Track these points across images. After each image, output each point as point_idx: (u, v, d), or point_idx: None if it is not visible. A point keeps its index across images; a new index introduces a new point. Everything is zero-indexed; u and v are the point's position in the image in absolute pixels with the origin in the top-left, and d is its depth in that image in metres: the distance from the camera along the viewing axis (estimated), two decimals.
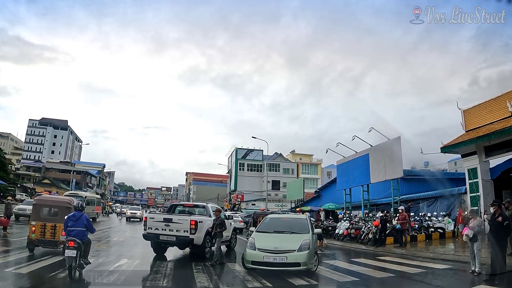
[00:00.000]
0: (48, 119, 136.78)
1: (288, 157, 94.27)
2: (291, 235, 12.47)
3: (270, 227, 13.39)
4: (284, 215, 17.90)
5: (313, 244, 12.11)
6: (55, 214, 14.59)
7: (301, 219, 14.29)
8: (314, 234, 13.09)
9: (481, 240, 11.90)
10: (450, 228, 24.40)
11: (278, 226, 13.48)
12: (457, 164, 78.41)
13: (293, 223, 13.86)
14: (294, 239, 11.96)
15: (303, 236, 12.13)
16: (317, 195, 56.29)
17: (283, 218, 15.18)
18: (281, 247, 11.38)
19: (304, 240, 11.73)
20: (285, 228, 13.16)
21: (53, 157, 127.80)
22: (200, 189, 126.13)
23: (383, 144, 31.25)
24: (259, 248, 11.53)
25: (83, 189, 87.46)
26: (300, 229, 12.87)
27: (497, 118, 24.05)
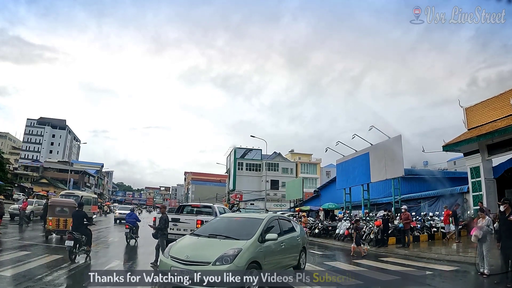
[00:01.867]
0: (46, 118, 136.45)
1: (287, 156, 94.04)
2: (221, 240, 9.40)
3: (209, 229, 10.49)
4: (240, 214, 13.41)
5: (253, 253, 8.89)
6: (65, 212, 20.01)
7: (256, 220, 10.63)
8: (266, 241, 9.62)
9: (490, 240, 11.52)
10: (453, 228, 24.01)
11: (220, 228, 10.54)
12: (456, 163, 78.34)
13: (242, 224, 10.62)
14: (220, 246, 8.93)
15: (237, 243, 9.04)
16: (317, 195, 56.09)
17: (234, 218, 11.73)
18: (194, 256, 8.60)
19: (231, 248, 8.66)
20: (226, 230, 10.14)
21: (51, 156, 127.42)
22: (198, 189, 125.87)
23: (383, 143, 30.96)
24: (172, 256, 8.87)
25: (81, 189, 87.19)
26: (242, 234, 9.67)
27: (500, 116, 23.88)
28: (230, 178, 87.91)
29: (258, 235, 9.63)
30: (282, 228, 11.14)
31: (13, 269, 10.76)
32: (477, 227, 11.55)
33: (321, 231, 28.06)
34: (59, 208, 20.38)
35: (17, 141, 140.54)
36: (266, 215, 11.63)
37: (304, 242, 12.43)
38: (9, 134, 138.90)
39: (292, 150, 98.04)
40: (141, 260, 14.63)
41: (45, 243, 18.16)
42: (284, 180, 74.78)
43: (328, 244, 24.34)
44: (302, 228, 12.99)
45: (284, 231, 11.17)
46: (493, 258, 11.69)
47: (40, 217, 31.88)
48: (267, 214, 12.91)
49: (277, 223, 11.15)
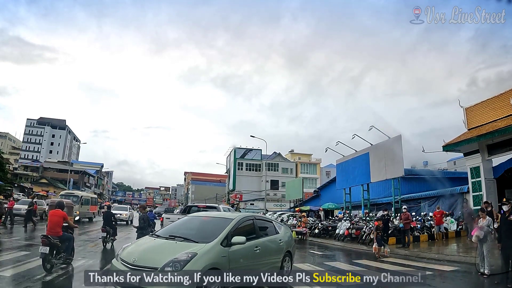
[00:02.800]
0: (46, 118, 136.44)
1: (287, 156, 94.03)
2: (178, 243, 8.30)
3: (171, 230, 9.50)
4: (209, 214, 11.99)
5: (212, 259, 7.77)
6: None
7: (224, 220, 9.32)
8: (233, 245, 8.42)
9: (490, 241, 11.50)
10: (452, 228, 24.02)
11: (183, 228, 9.46)
12: (456, 163, 78.32)
13: (208, 225, 9.43)
14: (174, 249, 7.89)
15: (194, 246, 7.96)
16: (316, 195, 56.12)
17: (202, 218, 10.35)
18: (141, 260, 7.65)
19: (185, 252, 7.61)
20: (189, 231, 9.11)
21: (51, 156, 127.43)
22: (198, 189, 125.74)
23: (383, 143, 30.97)
24: (122, 259, 7.95)
25: (81, 189, 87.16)
26: (203, 236, 8.59)
27: (500, 116, 23.89)
28: (230, 178, 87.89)
29: (221, 238, 8.41)
30: (258, 230, 9.90)
31: (12, 269, 10.77)
32: (477, 228, 11.54)
33: (321, 231, 28.01)
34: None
35: (17, 141, 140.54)
36: (237, 215, 10.03)
37: (289, 246, 11.04)
38: (9, 134, 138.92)
39: (292, 150, 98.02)
40: None
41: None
42: (284, 180, 74.64)
43: (328, 244, 24.27)
44: (287, 230, 11.74)
45: (261, 234, 9.96)
46: (494, 258, 11.68)
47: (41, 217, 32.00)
48: (239, 213, 10.88)
49: (252, 224, 9.88)
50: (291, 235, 11.59)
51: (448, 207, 26.43)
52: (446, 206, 26.47)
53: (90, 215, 39.77)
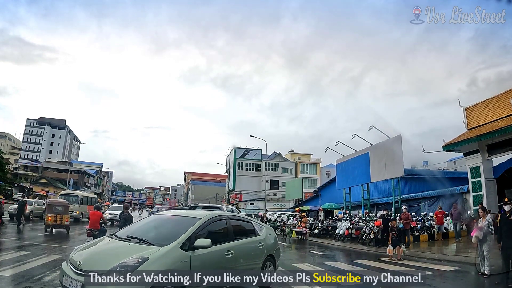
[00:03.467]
0: (46, 118, 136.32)
1: (287, 156, 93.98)
2: (132, 245, 7.34)
3: (132, 230, 8.60)
4: (176, 212, 10.62)
5: (167, 265, 6.81)
6: (61, 210, 24.20)
7: (189, 220, 8.21)
8: (196, 248, 7.40)
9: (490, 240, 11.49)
10: (452, 228, 23.98)
11: (144, 228, 8.54)
12: (456, 163, 78.29)
13: (171, 225, 8.43)
14: (125, 253, 6.99)
15: (148, 249, 7.02)
16: (316, 195, 56.13)
17: (167, 217, 9.38)
18: (86, 264, 6.73)
19: (134, 256, 6.69)
20: (149, 232, 8.17)
21: (51, 156, 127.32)
22: (198, 189, 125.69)
23: (383, 142, 31.00)
24: (71, 260, 7.10)
25: (81, 189, 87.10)
26: (162, 237, 7.67)
27: (500, 116, 23.89)
28: (230, 178, 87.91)
29: (181, 241, 7.36)
30: (232, 231, 8.81)
31: (12, 269, 10.72)
32: (477, 228, 11.52)
33: (321, 231, 28.02)
34: (56, 206, 24.42)
35: (17, 141, 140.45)
36: (205, 214, 8.82)
37: (272, 249, 9.97)
38: (9, 134, 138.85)
39: (292, 150, 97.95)
40: None
41: (44, 243, 18.17)
42: (284, 180, 74.65)
43: (328, 244, 24.29)
44: (270, 231, 10.63)
45: (236, 235, 8.88)
46: (494, 258, 11.65)
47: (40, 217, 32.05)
48: (207, 212, 9.49)
49: (224, 224, 8.78)
50: (274, 237, 10.63)
51: (448, 207, 26.32)
52: (446, 206, 26.39)
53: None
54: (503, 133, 22.28)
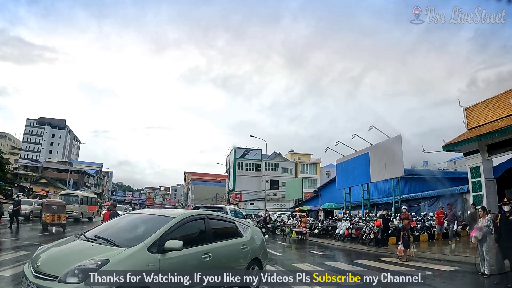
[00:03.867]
0: (46, 118, 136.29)
1: (287, 156, 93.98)
2: (95, 246, 6.69)
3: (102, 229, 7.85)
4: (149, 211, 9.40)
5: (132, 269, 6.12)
6: (58, 209, 25.76)
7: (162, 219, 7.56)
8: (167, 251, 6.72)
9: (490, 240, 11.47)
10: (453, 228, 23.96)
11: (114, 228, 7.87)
12: (456, 163, 78.28)
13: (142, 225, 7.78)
14: (85, 254, 6.30)
15: (112, 250, 6.35)
16: (316, 195, 56.15)
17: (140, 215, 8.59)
18: (44, 266, 6.11)
19: (94, 259, 5.98)
20: (117, 232, 7.52)
21: (51, 156, 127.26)
22: (198, 189, 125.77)
23: (383, 142, 31.01)
24: (32, 260, 6.59)
25: (81, 189, 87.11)
26: (129, 238, 7.06)
27: (500, 116, 23.85)
28: (230, 178, 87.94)
29: (149, 242, 6.68)
30: (211, 232, 8.08)
31: (12, 269, 10.72)
32: (476, 228, 11.50)
33: (321, 231, 28.03)
34: (53, 206, 25.92)
35: (17, 141, 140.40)
36: (180, 213, 8.04)
37: (258, 252, 9.29)
38: (9, 134, 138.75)
39: (292, 150, 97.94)
40: None
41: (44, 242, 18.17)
42: (284, 180, 74.66)
43: (328, 244, 24.27)
44: (256, 233, 9.91)
45: (215, 237, 8.13)
46: (493, 258, 11.64)
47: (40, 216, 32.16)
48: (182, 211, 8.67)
49: (202, 224, 8.04)
50: (261, 239, 9.88)
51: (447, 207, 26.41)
52: (446, 206, 26.44)
53: (90, 215, 39.79)
54: (503, 133, 22.24)
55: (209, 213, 9.18)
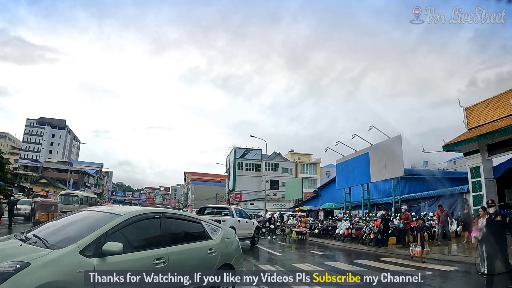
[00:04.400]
0: (46, 118, 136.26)
1: (287, 156, 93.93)
2: (24, 246, 5.72)
3: (44, 227, 6.84)
4: (99, 208, 8.20)
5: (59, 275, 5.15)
6: (52, 208, 27.97)
7: (108, 217, 6.50)
8: (107, 255, 5.76)
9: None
10: (452, 228, 23.91)
11: (57, 226, 6.87)
12: (456, 163, 78.27)
13: (83, 222, 6.73)
14: (11, 255, 5.32)
15: (38, 252, 5.33)
16: (316, 195, 56.06)
17: (89, 213, 7.32)
18: None
19: (13, 261, 5.00)
20: (58, 230, 6.55)
21: (51, 156, 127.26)
22: (198, 189, 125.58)
23: (383, 142, 30.96)
24: None
25: (81, 189, 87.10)
26: (66, 237, 5.96)
27: (500, 116, 23.77)
28: (230, 178, 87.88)
29: (83, 244, 5.62)
30: (167, 234, 7.00)
31: None
32: (476, 228, 11.46)
33: (321, 231, 28.03)
34: (47, 205, 28.28)
35: (17, 141, 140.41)
36: (129, 210, 6.98)
37: (230, 257, 8.22)
38: (9, 134, 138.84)
39: (292, 150, 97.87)
40: None
41: None
42: (284, 180, 74.65)
43: (328, 244, 24.29)
44: (228, 234, 8.70)
45: (174, 239, 7.12)
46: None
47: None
48: (133, 208, 7.48)
49: (157, 224, 6.95)
50: (234, 242, 8.73)
51: (448, 207, 26.34)
52: (446, 206, 26.34)
53: None
54: (503, 133, 22.19)
55: (168, 211, 7.97)
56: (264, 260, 15.96)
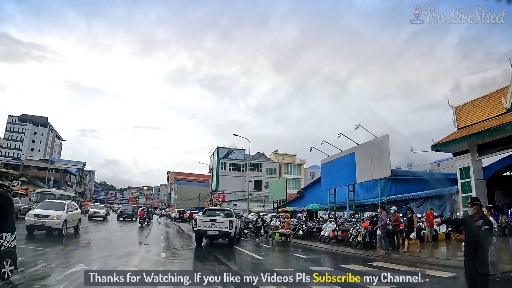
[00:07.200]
0: (28, 115, 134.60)
1: (271, 157, 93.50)
2: None
3: None
4: None
5: None
6: None
7: None
8: None
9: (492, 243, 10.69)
10: (442, 230, 23.24)
11: None
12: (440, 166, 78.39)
13: None
14: None
15: None
16: (300, 196, 56.03)
17: None
18: None
19: None
20: None
21: (33, 154, 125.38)
22: (181, 189, 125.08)
23: (370, 142, 30.43)
24: None
25: (62, 188, 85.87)
26: None
27: (491, 115, 23.64)
28: (213, 178, 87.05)
29: None
30: None
31: None
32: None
33: (305, 233, 27.26)
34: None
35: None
36: None
37: None
38: None
39: (276, 151, 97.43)
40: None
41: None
42: (267, 181, 74.16)
43: (312, 246, 23.38)
44: None
45: None
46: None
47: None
48: None
49: None
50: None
51: (437, 208, 25.85)
52: (435, 207, 25.97)
53: None
54: (495, 133, 21.99)
55: None
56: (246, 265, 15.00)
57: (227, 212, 23.62)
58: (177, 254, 17.41)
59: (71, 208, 23.40)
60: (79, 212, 25.84)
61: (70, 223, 22.78)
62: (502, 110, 22.82)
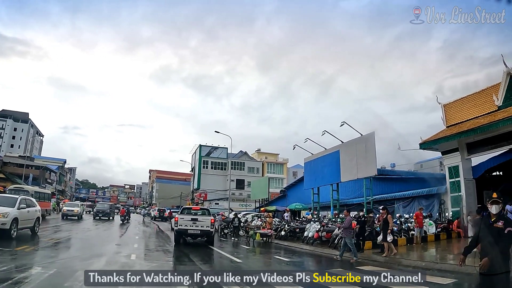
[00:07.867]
0: (8, 111, 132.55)
1: (254, 155, 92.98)
2: None
3: None
4: None
5: None
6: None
7: None
8: None
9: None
10: (431, 230, 22.37)
11: None
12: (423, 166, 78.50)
13: None
14: None
15: None
16: (283, 195, 55.40)
17: None
18: None
19: None
20: None
21: (12, 151, 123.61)
22: (163, 187, 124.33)
23: (355, 140, 29.46)
24: None
25: (42, 185, 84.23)
26: None
27: (482, 113, 23.21)
28: (195, 177, 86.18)
29: None
30: None
31: None
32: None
33: (287, 233, 26.27)
34: None
35: None
36: None
37: None
38: None
39: (259, 149, 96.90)
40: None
41: None
42: (249, 180, 73.58)
43: (296, 248, 22.32)
44: None
45: None
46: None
47: None
48: None
49: None
50: None
51: (426, 208, 25.12)
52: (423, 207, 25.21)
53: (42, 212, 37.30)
54: (486, 130, 21.48)
55: None
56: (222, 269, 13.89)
57: (203, 210, 23.77)
58: (149, 255, 16.20)
59: (24, 205, 18.97)
60: (37, 210, 21.56)
61: (23, 223, 18.65)
62: (493, 108, 22.45)
